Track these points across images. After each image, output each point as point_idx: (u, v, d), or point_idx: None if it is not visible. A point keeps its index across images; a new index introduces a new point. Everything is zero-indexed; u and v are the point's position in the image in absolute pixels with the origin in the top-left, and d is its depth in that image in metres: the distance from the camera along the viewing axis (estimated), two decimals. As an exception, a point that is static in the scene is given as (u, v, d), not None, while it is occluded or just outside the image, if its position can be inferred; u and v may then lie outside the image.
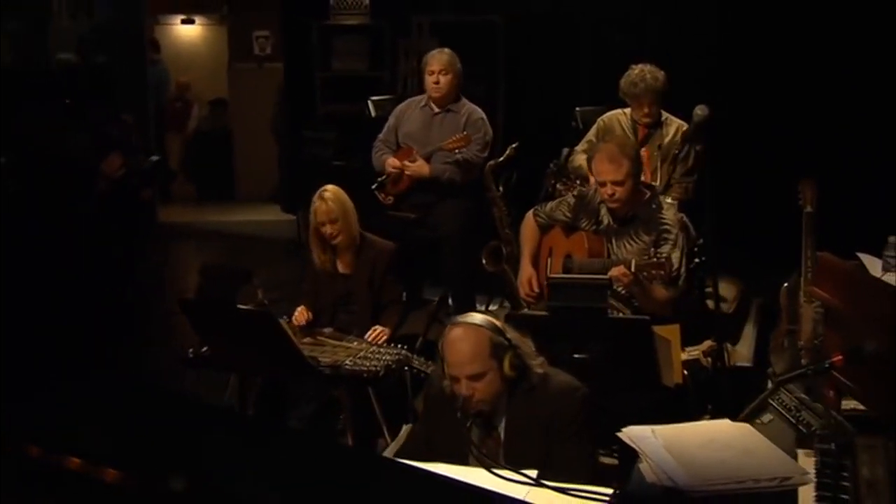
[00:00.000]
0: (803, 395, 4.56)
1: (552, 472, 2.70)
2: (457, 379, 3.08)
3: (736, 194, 6.15)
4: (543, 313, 3.87)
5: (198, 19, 12.55)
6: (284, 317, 4.73)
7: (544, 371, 3.22)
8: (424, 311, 6.00)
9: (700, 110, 5.54)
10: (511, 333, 3.20)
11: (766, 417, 4.55)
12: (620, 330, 3.75)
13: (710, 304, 5.79)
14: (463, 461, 3.16)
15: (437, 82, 5.92)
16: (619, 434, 2.50)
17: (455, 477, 2.20)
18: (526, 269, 4.91)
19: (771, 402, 4.58)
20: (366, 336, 4.66)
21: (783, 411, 4.48)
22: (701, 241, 5.33)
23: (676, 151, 5.72)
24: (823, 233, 4.82)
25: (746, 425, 2.61)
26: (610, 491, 2.27)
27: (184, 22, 12.52)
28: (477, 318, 3.24)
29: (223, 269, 7.55)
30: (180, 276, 8.71)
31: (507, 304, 5.90)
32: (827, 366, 3.44)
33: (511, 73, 8.54)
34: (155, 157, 10.80)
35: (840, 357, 3.21)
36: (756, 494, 2.24)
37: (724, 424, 2.62)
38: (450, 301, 5.98)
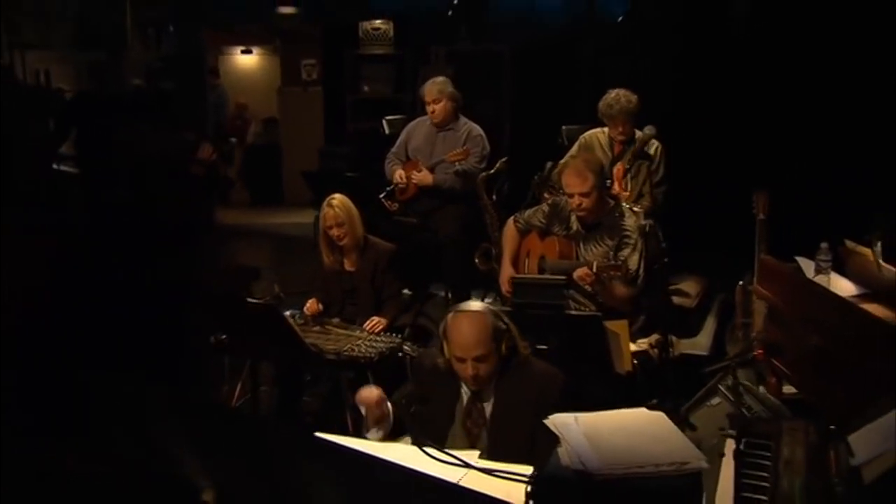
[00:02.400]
0: (747, 382, 4.44)
1: (538, 449, 2.67)
2: (463, 360, 3.08)
3: (705, 203, 6.05)
4: (508, 308, 3.78)
5: (255, 50, 12.61)
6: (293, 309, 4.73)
7: (528, 353, 3.22)
8: (429, 303, 5.97)
9: (648, 130, 5.47)
10: (506, 319, 3.19)
11: (715, 401, 4.44)
12: (575, 324, 3.65)
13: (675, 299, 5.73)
14: (449, 434, 3.13)
15: (432, 111, 5.96)
16: (546, 421, 2.40)
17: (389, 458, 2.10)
18: (506, 269, 4.87)
19: (720, 387, 4.47)
20: (364, 325, 4.61)
21: (730, 395, 4.37)
22: (664, 244, 5.25)
23: (652, 166, 5.65)
24: (775, 237, 4.74)
25: (661, 414, 2.50)
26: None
27: (243, 52, 12.58)
28: (477, 305, 3.27)
29: (238, 267, 7.53)
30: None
31: (499, 298, 5.85)
32: (749, 358, 3.35)
33: (516, 95, 8.51)
34: (233, 139, 11.09)
35: (761, 351, 3.12)
36: (660, 477, 2.13)
37: (641, 413, 2.51)
38: (449, 295, 5.93)
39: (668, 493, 2.12)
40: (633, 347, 3.76)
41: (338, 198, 4.74)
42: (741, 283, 4.88)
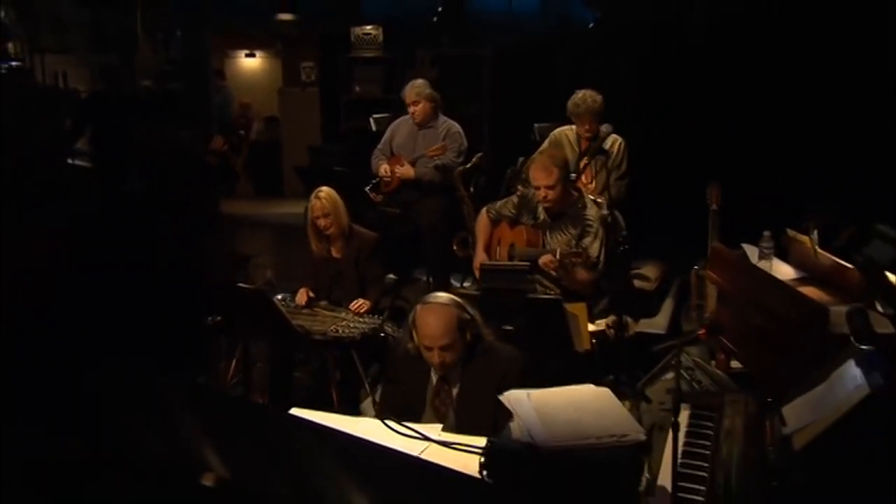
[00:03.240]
0: (698, 359, 4.45)
1: (500, 426, 2.66)
2: (430, 349, 3.07)
3: (665, 194, 6.05)
4: (477, 292, 3.77)
5: (258, 54, 12.54)
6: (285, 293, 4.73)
7: (492, 340, 3.21)
8: (412, 287, 5.97)
9: (605, 128, 5.47)
10: (469, 308, 3.17)
11: (669, 375, 4.43)
12: (537, 307, 3.65)
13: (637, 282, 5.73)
14: (420, 413, 3.13)
15: (413, 112, 5.93)
16: (501, 397, 2.40)
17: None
18: (479, 255, 4.87)
19: (674, 363, 4.47)
20: (350, 306, 4.60)
21: (682, 371, 4.37)
22: (625, 232, 5.24)
23: (615, 160, 5.65)
24: (726, 226, 4.75)
25: (606, 390, 2.50)
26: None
27: (247, 55, 12.52)
28: (444, 297, 3.21)
29: (230, 254, 7.52)
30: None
31: (475, 282, 5.85)
32: (694, 337, 3.35)
33: (495, 95, 8.49)
34: (241, 132, 11.10)
35: (704, 331, 3.12)
36: (602, 449, 2.13)
37: (588, 389, 2.51)
38: (430, 279, 5.93)
39: (609, 463, 2.13)
40: (591, 328, 3.76)
41: (324, 191, 4.73)
42: (696, 268, 4.90)
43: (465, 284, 5.95)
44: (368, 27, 8.71)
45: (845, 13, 5.71)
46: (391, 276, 4.99)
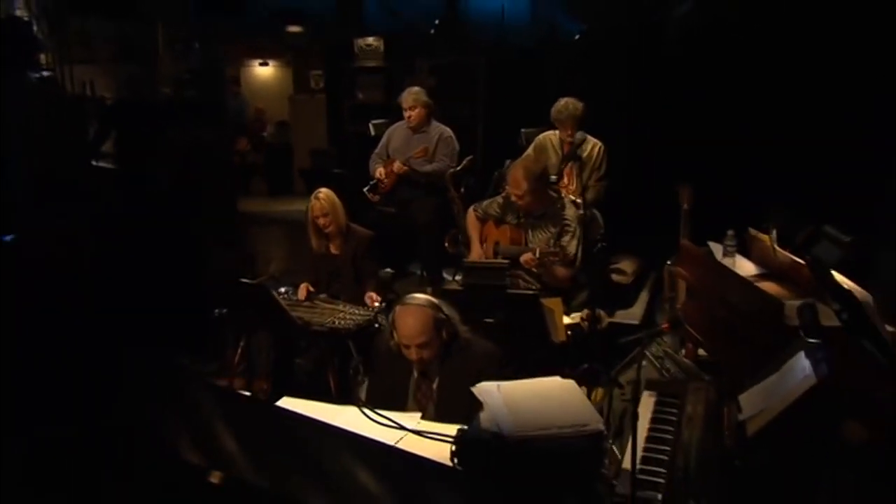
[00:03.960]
0: (668, 349, 4.44)
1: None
2: (408, 346, 3.07)
3: (643, 194, 6.04)
4: (461, 288, 3.76)
5: (271, 62, 12.51)
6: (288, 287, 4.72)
7: (469, 336, 3.18)
8: (408, 280, 5.96)
9: (579, 135, 5.47)
10: (446, 308, 3.15)
11: (642, 363, 4.42)
12: (516, 301, 3.64)
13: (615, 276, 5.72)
14: (403, 405, 3.11)
15: (409, 116, 5.91)
16: (473, 389, 2.38)
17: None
18: (475, 248, 4.84)
19: (646, 352, 4.47)
20: (365, 300, 4.56)
21: (654, 359, 4.37)
22: (602, 230, 5.24)
23: (595, 162, 5.64)
24: (697, 225, 4.74)
25: (572, 382, 2.48)
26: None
27: (261, 64, 12.49)
28: (421, 299, 3.18)
29: (242, 249, 7.54)
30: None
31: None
32: (658, 331, 3.35)
33: (488, 101, 8.46)
34: (265, 133, 11.11)
35: (667, 325, 3.12)
36: (564, 438, 2.12)
37: (555, 381, 2.49)
38: (424, 273, 5.92)
39: (569, 452, 2.12)
40: (566, 320, 3.75)
41: (323, 191, 4.72)
42: (668, 263, 4.88)
43: (457, 278, 5.94)
44: (370, 39, 8.67)
45: (805, 32, 5.70)
46: (388, 270, 4.99)
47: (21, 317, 5.51)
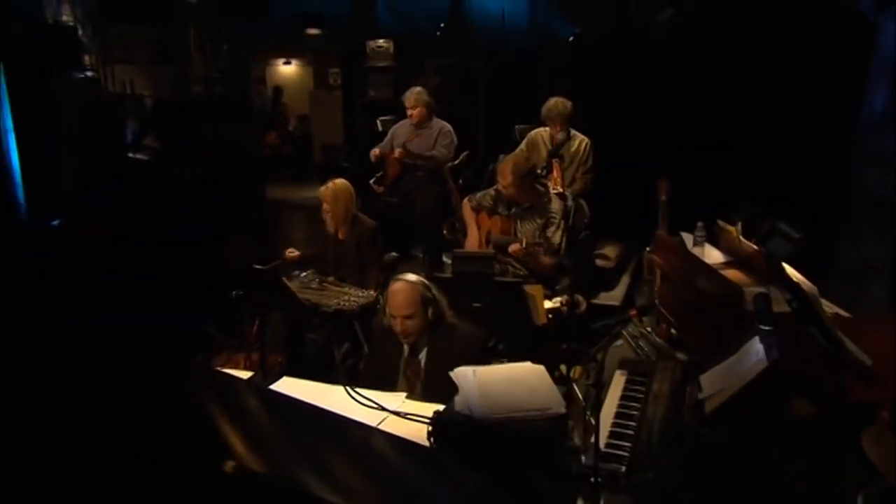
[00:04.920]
0: (644, 329, 4.40)
1: None
2: (395, 317, 3.07)
3: (627, 185, 5.98)
4: (450, 276, 3.74)
5: (294, 61, 12.46)
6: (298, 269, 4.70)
7: (454, 320, 3.18)
8: (411, 263, 5.93)
9: (561, 135, 5.42)
10: (434, 291, 3.15)
11: (619, 342, 4.39)
12: (501, 288, 3.61)
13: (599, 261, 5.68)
14: (394, 382, 3.11)
15: (411, 114, 5.84)
16: (451, 373, 2.36)
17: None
18: (472, 235, 4.78)
19: (624, 332, 4.43)
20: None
21: (629, 339, 4.33)
22: (587, 219, 5.19)
23: (581, 157, 5.59)
24: (675, 214, 4.70)
25: (541, 367, 2.46)
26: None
27: (284, 63, 12.45)
28: (412, 277, 3.19)
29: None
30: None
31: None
32: (627, 317, 3.33)
33: (488, 99, 8.41)
34: (291, 128, 11.09)
35: (634, 312, 3.09)
36: (529, 420, 2.11)
37: (526, 366, 2.46)
38: (425, 257, 5.90)
39: (533, 433, 2.10)
40: (547, 305, 3.72)
41: (332, 183, 4.71)
42: (647, 249, 4.84)
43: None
44: (381, 41, 8.60)
45: (775, 39, 5.64)
46: (393, 253, 4.98)
47: (66, 292, 5.57)
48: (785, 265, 2.86)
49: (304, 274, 4.71)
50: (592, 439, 2.73)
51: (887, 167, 4.84)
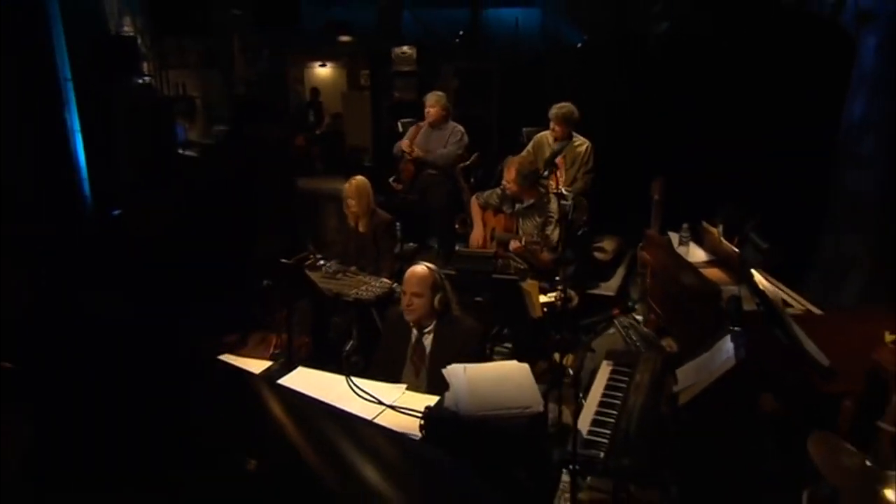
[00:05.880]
0: (634, 320, 4.37)
1: None
2: (405, 293, 3.11)
3: (626, 184, 5.90)
4: (454, 272, 3.72)
5: (329, 64, 12.37)
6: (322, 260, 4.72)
7: (459, 314, 3.18)
8: (427, 252, 5.93)
9: (558, 146, 5.33)
10: (446, 284, 3.16)
11: (611, 331, 4.38)
12: (499, 284, 3.60)
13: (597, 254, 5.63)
14: (401, 367, 3.12)
15: (429, 114, 5.76)
16: (443, 371, 2.36)
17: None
18: (477, 230, 4.75)
19: (616, 321, 4.41)
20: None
21: (620, 328, 4.31)
22: (586, 217, 5.14)
23: (583, 158, 5.52)
24: (668, 213, 4.62)
25: (526, 366, 2.45)
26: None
27: (320, 66, 12.35)
28: (429, 264, 3.22)
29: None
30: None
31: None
32: (610, 315, 3.31)
33: (501, 101, 8.32)
34: (318, 131, 11.08)
35: (617, 311, 3.07)
36: (510, 417, 2.10)
37: (513, 364, 2.46)
38: (439, 247, 5.88)
39: (513, 429, 2.09)
40: (543, 299, 3.70)
41: (356, 179, 4.72)
42: (640, 244, 4.78)
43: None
44: (405, 47, 8.54)
45: (765, 47, 5.50)
46: (411, 243, 4.97)
47: (126, 275, 5.66)
48: (754, 272, 2.81)
49: (328, 264, 4.72)
50: (580, 425, 2.74)
51: (865, 169, 4.74)
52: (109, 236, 6.60)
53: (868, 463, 1.65)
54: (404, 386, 2.65)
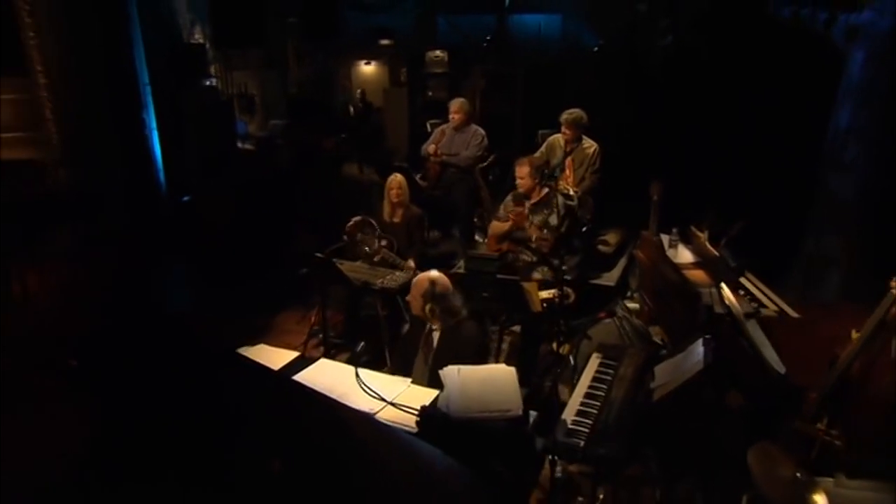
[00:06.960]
0: (627, 314, 4.31)
1: None
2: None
3: (631, 184, 5.80)
4: (464, 272, 3.74)
5: (373, 62, 12.33)
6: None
7: (463, 318, 3.14)
8: (451, 240, 5.94)
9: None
10: (439, 289, 3.09)
11: (607, 321, 4.33)
12: (503, 283, 3.59)
13: (600, 247, 5.55)
14: (415, 354, 3.15)
15: (453, 118, 5.72)
16: (440, 371, 2.38)
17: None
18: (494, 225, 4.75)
19: (615, 310, 4.35)
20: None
21: (616, 319, 4.26)
22: (589, 215, 5.08)
23: (590, 159, 5.44)
24: (666, 212, 4.54)
25: (512, 369, 2.44)
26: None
27: (365, 64, 12.33)
28: (434, 274, 3.19)
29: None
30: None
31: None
32: (598, 317, 3.28)
33: (525, 102, 8.19)
34: (343, 135, 11.04)
35: (604, 314, 3.05)
36: (493, 420, 2.11)
37: (501, 368, 2.45)
38: (460, 236, 5.89)
39: (496, 431, 2.11)
40: (542, 295, 3.70)
41: (395, 175, 4.79)
42: (637, 244, 4.71)
43: (484, 240, 5.90)
44: (438, 51, 8.48)
45: (759, 59, 5.30)
46: (436, 232, 4.98)
47: (193, 255, 5.82)
48: (724, 286, 2.76)
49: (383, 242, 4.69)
50: (565, 415, 2.75)
51: (847, 173, 4.57)
52: (180, 219, 6.77)
53: (798, 475, 1.64)
54: (409, 380, 2.69)
